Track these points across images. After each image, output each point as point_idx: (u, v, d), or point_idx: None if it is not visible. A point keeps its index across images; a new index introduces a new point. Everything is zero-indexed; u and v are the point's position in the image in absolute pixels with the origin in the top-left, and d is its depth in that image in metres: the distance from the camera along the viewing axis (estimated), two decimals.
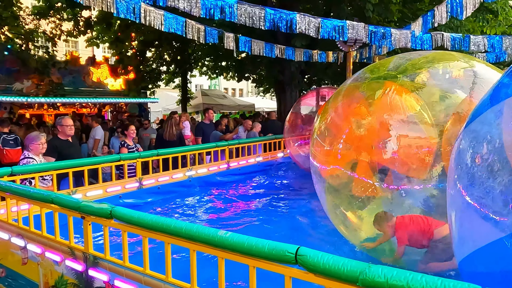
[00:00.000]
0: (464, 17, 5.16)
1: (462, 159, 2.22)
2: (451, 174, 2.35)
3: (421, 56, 3.65)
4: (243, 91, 51.29)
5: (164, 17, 6.02)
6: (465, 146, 2.22)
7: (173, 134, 7.67)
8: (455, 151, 2.34)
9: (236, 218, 5.45)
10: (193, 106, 20.94)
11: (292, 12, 5.49)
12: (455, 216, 2.27)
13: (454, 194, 2.25)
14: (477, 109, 2.28)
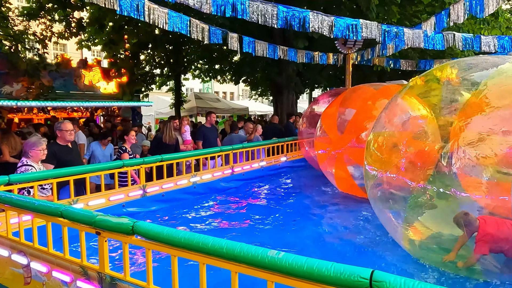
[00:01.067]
0: (485, 16, 4.99)
1: None
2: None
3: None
4: (234, 95, 51.08)
5: (168, 16, 5.72)
6: None
7: (173, 138, 7.38)
8: None
9: (249, 227, 5.15)
10: (187, 110, 20.58)
11: (305, 10, 5.25)
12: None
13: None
14: None
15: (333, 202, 6.42)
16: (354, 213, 5.66)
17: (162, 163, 6.04)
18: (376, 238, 4.61)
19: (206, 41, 6.59)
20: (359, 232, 4.90)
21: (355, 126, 6.02)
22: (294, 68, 14.05)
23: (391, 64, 11.77)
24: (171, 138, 7.41)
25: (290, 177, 8.59)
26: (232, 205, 6.36)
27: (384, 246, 4.36)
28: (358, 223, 5.32)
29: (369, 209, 5.73)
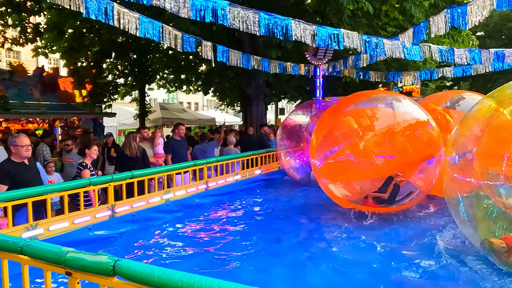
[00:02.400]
0: (468, 28, 4.99)
1: None
2: None
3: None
4: (198, 105, 50.46)
5: (139, 21, 5.30)
6: None
7: (134, 150, 6.74)
8: None
9: (233, 249, 4.75)
10: (152, 121, 19.87)
11: (287, 18, 5.03)
12: None
13: None
14: None
15: (317, 217, 6.17)
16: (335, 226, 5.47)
17: (133, 179, 5.54)
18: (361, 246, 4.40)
19: (179, 48, 6.21)
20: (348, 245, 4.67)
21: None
22: (264, 78, 13.88)
23: (361, 75, 11.85)
24: (132, 150, 6.75)
25: (266, 192, 8.27)
26: (208, 225, 5.94)
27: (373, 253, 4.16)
28: (340, 235, 5.13)
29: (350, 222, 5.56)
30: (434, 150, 5.47)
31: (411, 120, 5.57)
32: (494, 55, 7.52)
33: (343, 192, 6.06)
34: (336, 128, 6.19)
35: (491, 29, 25.60)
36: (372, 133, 5.64)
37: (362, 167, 5.69)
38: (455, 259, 4.20)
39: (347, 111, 6.09)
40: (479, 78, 25.76)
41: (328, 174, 6.12)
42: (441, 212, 6.01)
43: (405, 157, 5.57)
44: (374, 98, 6.11)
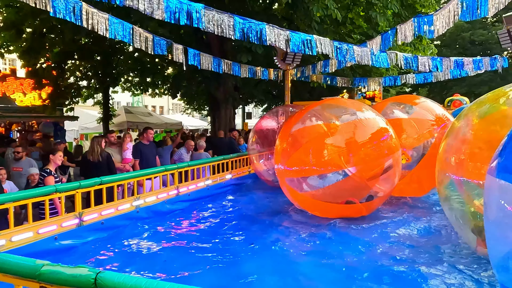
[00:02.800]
0: (435, 36, 5.21)
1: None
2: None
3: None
4: (164, 109, 49.61)
5: (109, 22, 5.14)
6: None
7: (98, 155, 6.46)
8: None
9: (205, 254, 4.67)
10: (116, 125, 19.22)
11: (261, 23, 5.04)
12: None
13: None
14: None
15: (288, 220, 6.20)
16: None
17: (102, 186, 5.33)
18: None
19: (149, 51, 6.07)
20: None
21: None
22: (233, 82, 13.85)
23: (328, 80, 12.10)
24: (94, 155, 6.46)
25: (237, 196, 8.23)
26: (179, 231, 5.81)
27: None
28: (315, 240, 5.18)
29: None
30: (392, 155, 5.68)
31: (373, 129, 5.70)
32: (454, 63, 7.92)
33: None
34: (301, 135, 6.12)
35: (447, 38, 26.98)
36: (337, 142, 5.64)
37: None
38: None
39: (311, 119, 6.12)
40: (436, 85, 27.08)
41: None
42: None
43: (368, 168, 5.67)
44: (340, 106, 6.19)
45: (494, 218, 2.36)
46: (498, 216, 2.28)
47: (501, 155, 2.31)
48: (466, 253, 4.45)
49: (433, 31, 5.01)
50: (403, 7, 11.27)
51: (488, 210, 2.46)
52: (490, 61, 8.66)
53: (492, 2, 4.25)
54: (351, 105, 6.20)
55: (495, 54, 12.81)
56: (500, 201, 2.24)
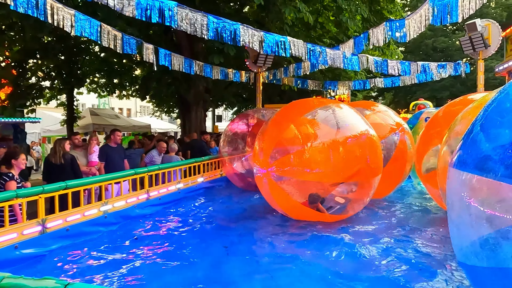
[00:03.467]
0: (407, 40, 5.32)
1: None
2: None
3: None
4: (131, 111, 48.50)
5: (75, 18, 4.89)
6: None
7: (60, 157, 6.14)
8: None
9: (176, 259, 4.50)
10: (81, 127, 18.53)
11: (235, 23, 4.96)
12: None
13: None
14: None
15: (261, 223, 6.13)
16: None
17: (67, 190, 5.06)
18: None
19: (118, 50, 5.85)
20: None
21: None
22: (204, 84, 13.68)
23: (299, 84, 12.19)
24: (56, 158, 6.12)
25: (209, 199, 8.07)
26: (149, 236, 5.59)
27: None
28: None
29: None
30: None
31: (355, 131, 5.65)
32: (421, 68, 8.16)
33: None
34: (281, 136, 6.09)
35: (411, 45, 27.99)
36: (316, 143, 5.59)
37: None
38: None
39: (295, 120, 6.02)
40: (401, 89, 28.02)
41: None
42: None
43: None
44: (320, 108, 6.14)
45: (455, 209, 2.42)
46: (458, 206, 2.35)
47: (460, 149, 2.39)
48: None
49: (405, 35, 5.12)
50: (371, 12, 11.55)
51: (449, 201, 2.51)
52: (454, 66, 8.99)
53: (461, 8, 4.39)
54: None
55: (456, 60, 13.38)
56: (458, 191, 2.32)
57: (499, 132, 2.10)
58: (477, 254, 2.15)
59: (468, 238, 2.24)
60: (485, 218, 2.07)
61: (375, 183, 5.77)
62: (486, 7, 25.84)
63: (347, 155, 5.49)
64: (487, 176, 2.06)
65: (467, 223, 2.24)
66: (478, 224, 2.12)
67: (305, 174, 5.49)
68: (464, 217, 2.26)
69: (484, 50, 8.42)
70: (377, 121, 6.84)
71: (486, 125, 2.23)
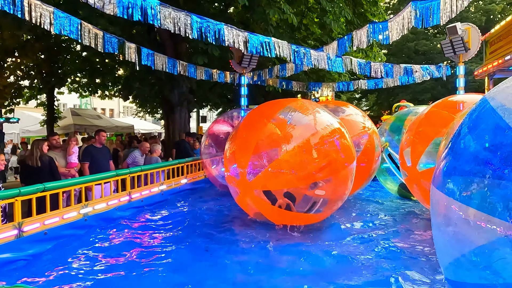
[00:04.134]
0: (390, 42, 5.37)
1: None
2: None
3: None
4: (114, 112, 47.85)
5: (54, 15, 4.76)
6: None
7: (36, 159, 5.96)
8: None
9: (158, 265, 4.41)
10: (62, 128, 18.16)
11: (219, 23, 4.91)
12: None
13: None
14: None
15: (243, 225, 6.08)
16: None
17: (45, 193, 4.91)
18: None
19: (99, 49, 5.73)
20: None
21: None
22: (188, 85, 13.56)
23: (284, 85, 12.20)
24: (33, 159, 5.91)
25: (192, 201, 7.98)
26: (130, 239, 5.48)
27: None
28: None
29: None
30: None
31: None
32: (404, 70, 8.26)
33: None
34: (253, 139, 5.64)
35: (394, 48, 28.37)
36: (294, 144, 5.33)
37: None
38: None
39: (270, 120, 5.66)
40: (383, 91, 28.39)
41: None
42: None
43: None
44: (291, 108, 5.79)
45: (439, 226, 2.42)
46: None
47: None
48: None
49: (388, 37, 5.17)
50: (355, 15, 11.65)
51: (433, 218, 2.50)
52: (436, 69, 9.14)
53: (443, 11, 4.46)
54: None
55: (437, 63, 13.61)
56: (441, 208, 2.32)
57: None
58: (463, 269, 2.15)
59: (452, 254, 2.24)
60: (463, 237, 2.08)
61: (348, 177, 5.60)
62: (466, 12, 26.42)
63: (318, 153, 5.33)
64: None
65: (448, 240, 2.25)
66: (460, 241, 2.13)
67: (280, 176, 5.32)
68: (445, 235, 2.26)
69: (464, 53, 8.58)
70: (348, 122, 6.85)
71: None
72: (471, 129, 2.18)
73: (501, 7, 26.41)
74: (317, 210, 5.72)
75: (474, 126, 2.18)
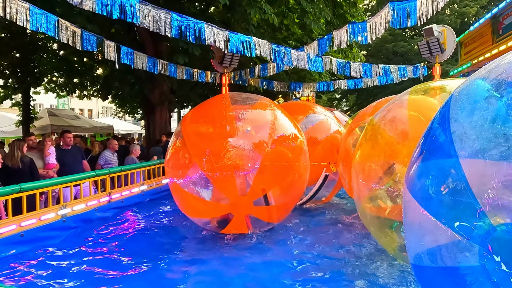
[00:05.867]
0: (370, 41, 5.47)
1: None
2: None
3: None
4: (92, 112, 47.04)
5: (30, 12, 4.65)
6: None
7: (17, 160, 5.80)
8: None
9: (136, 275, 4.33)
10: (38, 128, 17.68)
11: (200, 21, 4.90)
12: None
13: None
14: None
15: None
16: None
17: (21, 194, 4.79)
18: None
19: (78, 47, 5.62)
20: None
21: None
22: (168, 84, 13.43)
23: (265, 85, 12.25)
24: (14, 161, 5.75)
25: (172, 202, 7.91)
26: (110, 241, 5.40)
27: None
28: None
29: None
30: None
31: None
32: (382, 70, 8.42)
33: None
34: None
35: (373, 49, 28.90)
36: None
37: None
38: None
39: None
40: (363, 92, 28.87)
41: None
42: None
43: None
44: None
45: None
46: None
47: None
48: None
49: (366, 37, 5.26)
50: (335, 16, 11.79)
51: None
52: (413, 69, 9.35)
53: (420, 12, 4.59)
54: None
55: (415, 64, 13.91)
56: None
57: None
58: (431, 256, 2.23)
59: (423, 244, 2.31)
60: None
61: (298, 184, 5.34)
62: (441, 14, 27.13)
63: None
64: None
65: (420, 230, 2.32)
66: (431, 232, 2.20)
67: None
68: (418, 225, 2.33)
69: (440, 54, 8.80)
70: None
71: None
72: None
73: (474, 10, 27.23)
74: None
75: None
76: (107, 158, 7.82)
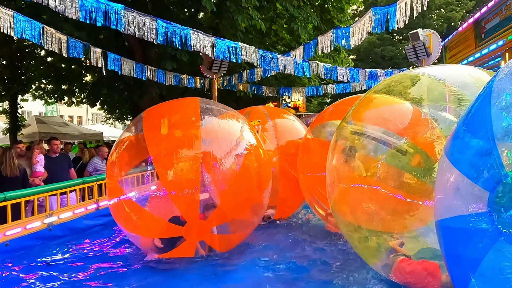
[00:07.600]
0: (352, 46, 5.54)
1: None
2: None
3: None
4: (82, 119, 46.65)
5: (14, 19, 4.63)
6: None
7: (15, 169, 5.74)
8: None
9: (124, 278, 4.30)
10: (26, 136, 17.48)
11: (185, 28, 4.92)
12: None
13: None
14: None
15: None
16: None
17: (6, 202, 4.73)
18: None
19: (64, 53, 5.61)
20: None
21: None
22: (157, 91, 13.41)
23: (254, 90, 12.30)
24: (12, 170, 5.75)
25: None
26: (98, 250, 5.34)
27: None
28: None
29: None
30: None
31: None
32: (368, 74, 8.53)
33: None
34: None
35: (362, 53, 29.21)
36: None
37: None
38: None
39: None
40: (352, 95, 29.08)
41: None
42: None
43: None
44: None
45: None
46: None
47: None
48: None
49: (350, 42, 5.34)
50: (322, 21, 11.92)
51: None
52: (399, 73, 9.47)
53: (399, 16, 4.68)
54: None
55: (402, 67, 14.11)
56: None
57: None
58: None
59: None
60: None
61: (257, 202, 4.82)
62: (428, 19, 27.56)
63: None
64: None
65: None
66: None
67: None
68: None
69: (426, 58, 8.96)
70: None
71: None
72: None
73: (460, 15, 27.71)
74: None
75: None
76: (96, 165, 7.77)
